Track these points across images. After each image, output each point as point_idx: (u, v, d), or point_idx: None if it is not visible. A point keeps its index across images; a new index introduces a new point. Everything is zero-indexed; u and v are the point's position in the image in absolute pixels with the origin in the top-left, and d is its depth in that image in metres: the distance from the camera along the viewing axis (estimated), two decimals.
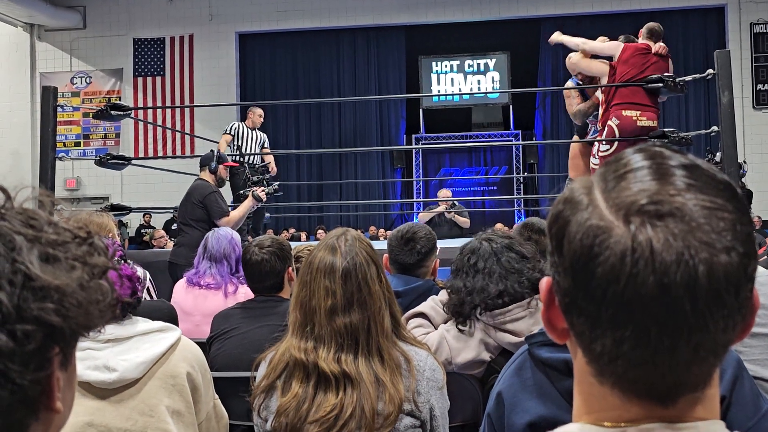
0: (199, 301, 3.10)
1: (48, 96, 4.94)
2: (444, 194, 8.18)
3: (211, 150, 5.31)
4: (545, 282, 0.65)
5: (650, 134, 4.92)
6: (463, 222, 7.46)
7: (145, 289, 3.16)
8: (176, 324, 2.48)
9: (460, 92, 14.50)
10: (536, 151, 14.35)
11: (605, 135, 5.13)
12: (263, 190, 5.30)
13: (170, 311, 2.71)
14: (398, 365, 1.55)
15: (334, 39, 14.66)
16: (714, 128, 4.97)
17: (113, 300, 0.68)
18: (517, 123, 14.45)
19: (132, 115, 6.57)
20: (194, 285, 3.14)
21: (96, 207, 11.24)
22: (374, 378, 1.51)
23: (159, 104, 14.11)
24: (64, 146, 13.79)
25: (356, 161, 14.76)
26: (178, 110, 14.11)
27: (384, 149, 14.89)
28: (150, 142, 14.19)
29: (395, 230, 2.69)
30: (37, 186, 0.69)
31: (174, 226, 9.33)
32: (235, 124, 7.29)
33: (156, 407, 1.59)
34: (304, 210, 14.27)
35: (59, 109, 5.11)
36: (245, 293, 2.94)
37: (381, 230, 12.99)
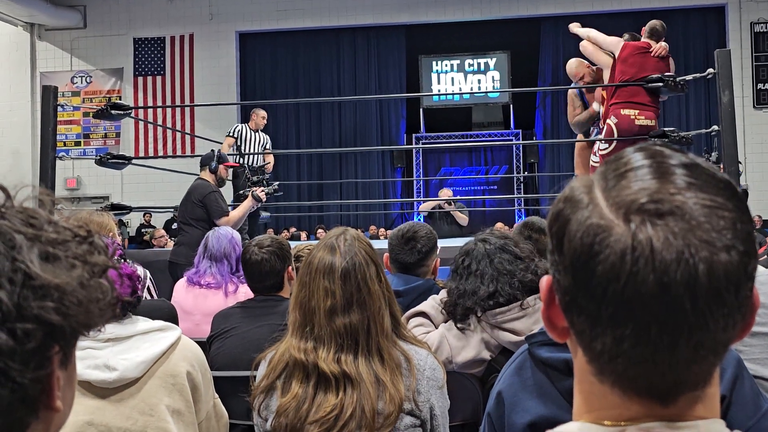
0: (200, 301, 3.10)
1: (48, 95, 4.95)
2: (445, 194, 8.19)
3: (212, 150, 5.31)
4: (545, 280, 0.65)
5: (651, 133, 4.92)
6: (462, 219, 7.46)
7: (146, 289, 3.17)
8: (176, 323, 2.48)
9: (461, 92, 14.48)
10: (536, 151, 14.34)
11: (605, 133, 5.18)
12: (263, 190, 5.29)
13: (170, 310, 2.71)
14: (398, 365, 1.54)
15: (335, 38, 14.66)
16: (714, 127, 4.98)
17: (113, 299, 0.68)
18: (518, 122, 14.44)
19: (132, 115, 6.58)
20: (194, 284, 3.14)
21: (96, 206, 11.26)
22: (374, 378, 1.51)
23: (159, 104, 14.12)
24: (65, 145, 13.79)
25: (356, 161, 14.74)
26: (179, 110, 14.11)
27: (384, 149, 14.88)
28: (150, 142, 14.18)
29: (396, 229, 2.69)
30: (38, 185, 0.69)
31: (174, 226, 9.34)
32: (238, 127, 7.24)
33: (156, 406, 1.59)
34: (305, 209, 14.26)
35: (59, 109, 5.11)
36: (245, 293, 2.94)
37: (381, 230, 12.96)
